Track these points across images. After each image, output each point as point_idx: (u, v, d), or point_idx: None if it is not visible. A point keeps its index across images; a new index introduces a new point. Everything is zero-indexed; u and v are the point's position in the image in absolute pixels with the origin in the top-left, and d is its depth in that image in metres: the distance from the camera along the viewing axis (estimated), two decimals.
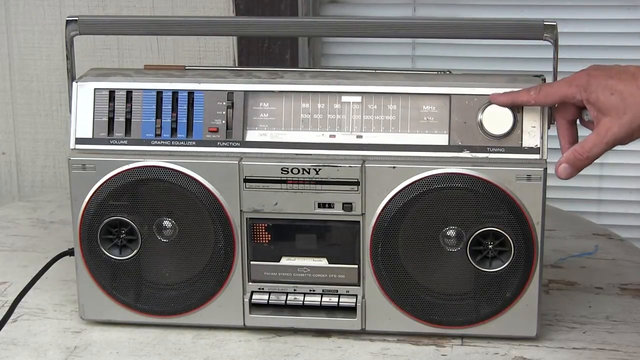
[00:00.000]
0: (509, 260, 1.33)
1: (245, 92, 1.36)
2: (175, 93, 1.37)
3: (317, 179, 1.33)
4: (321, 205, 1.34)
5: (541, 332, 1.37)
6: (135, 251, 1.38)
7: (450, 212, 1.32)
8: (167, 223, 1.37)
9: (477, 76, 1.38)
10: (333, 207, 1.34)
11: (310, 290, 1.38)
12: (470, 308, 1.35)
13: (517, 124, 1.32)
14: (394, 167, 1.32)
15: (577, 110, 1.29)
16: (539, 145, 1.32)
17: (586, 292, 1.52)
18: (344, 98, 1.35)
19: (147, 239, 1.37)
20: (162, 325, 1.41)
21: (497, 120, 1.32)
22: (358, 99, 1.35)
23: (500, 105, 1.31)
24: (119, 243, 1.38)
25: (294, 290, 1.38)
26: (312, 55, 2.36)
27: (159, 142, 1.36)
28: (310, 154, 1.35)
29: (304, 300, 1.38)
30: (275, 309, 1.39)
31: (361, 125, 1.35)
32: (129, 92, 1.37)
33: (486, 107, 1.32)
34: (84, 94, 1.38)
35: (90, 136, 1.37)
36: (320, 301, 1.38)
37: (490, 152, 1.32)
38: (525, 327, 1.36)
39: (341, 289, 1.38)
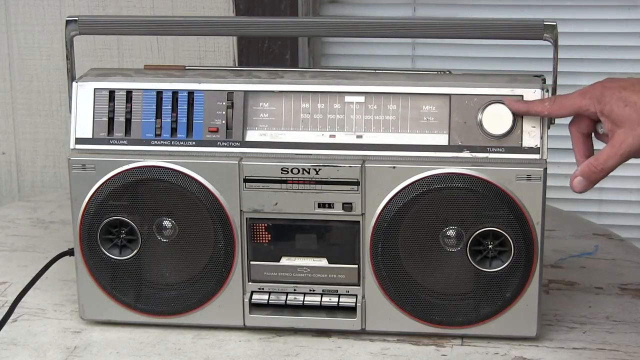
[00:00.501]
0: (509, 260, 1.33)
1: (245, 92, 1.36)
2: (175, 93, 1.37)
3: (317, 179, 1.33)
4: (321, 205, 1.34)
5: (541, 332, 1.37)
6: (135, 251, 1.38)
7: (450, 212, 1.32)
8: (167, 223, 1.37)
9: (477, 76, 1.38)
10: (333, 207, 1.34)
11: (310, 290, 1.38)
12: (470, 308, 1.35)
13: (517, 124, 1.32)
14: (394, 167, 1.32)
15: (591, 123, 1.29)
16: (539, 145, 1.32)
17: (586, 292, 1.52)
18: (347, 98, 1.35)
19: (147, 239, 1.37)
20: (162, 325, 1.41)
21: (497, 120, 1.32)
22: (359, 99, 1.35)
23: (515, 112, 1.31)
24: (119, 243, 1.38)
25: (294, 290, 1.38)
26: (312, 55, 2.36)
27: (159, 142, 1.36)
28: (310, 154, 1.35)
29: (304, 300, 1.38)
30: (275, 309, 1.39)
31: (361, 125, 1.35)
32: (129, 92, 1.37)
33: (486, 107, 1.33)
34: (84, 94, 1.38)
35: (90, 136, 1.37)
36: (320, 301, 1.38)
37: (490, 152, 1.32)
38: (525, 327, 1.36)
39: (341, 289, 1.38)
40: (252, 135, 1.36)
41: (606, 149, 1.24)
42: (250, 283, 1.39)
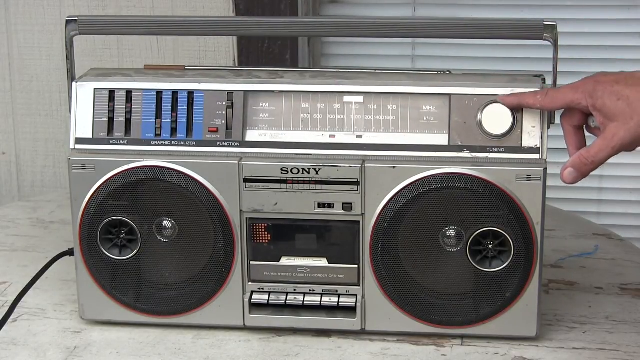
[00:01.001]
0: (509, 260, 1.33)
1: (245, 92, 1.36)
2: (175, 93, 1.37)
3: (317, 179, 1.33)
4: (321, 205, 1.34)
5: (541, 332, 1.37)
6: (135, 251, 1.38)
7: (450, 212, 1.32)
8: (167, 223, 1.37)
9: (477, 76, 1.38)
10: (333, 207, 1.34)
11: (310, 290, 1.38)
12: (470, 308, 1.35)
13: (516, 124, 1.32)
14: (394, 167, 1.32)
15: (583, 116, 1.29)
16: (538, 145, 1.32)
17: (586, 292, 1.52)
18: (346, 98, 1.35)
19: (147, 239, 1.37)
20: (162, 325, 1.41)
21: (496, 120, 1.32)
22: (359, 99, 1.35)
23: (507, 106, 1.31)
24: (119, 243, 1.38)
25: (294, 290, 1.38)
26: (312, 55, 2.36)
27: (158, 142, 1.36)
28: (310, 154, 1.35)
29: (304, 300, 1.38)
30: (275, 309, 1.39)
31: (361, 125, 1.35)
32: (128, 92, 1.37)
33: (486, 107, 1.33)
34: (84, 94, 1.38)
35: (90, 136, 1.37)
36: (320, 301, 1.38)
37: (490, 152, 1.32)
38: (525, 327, 1.36)
39: (341, 289, 1.38)
40: (252, 135, 1.36)
41: (598, 141, 1.24)
42: (250, 283, 1.39)
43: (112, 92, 1.38)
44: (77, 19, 1.38)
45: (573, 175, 1.27)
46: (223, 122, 1.36)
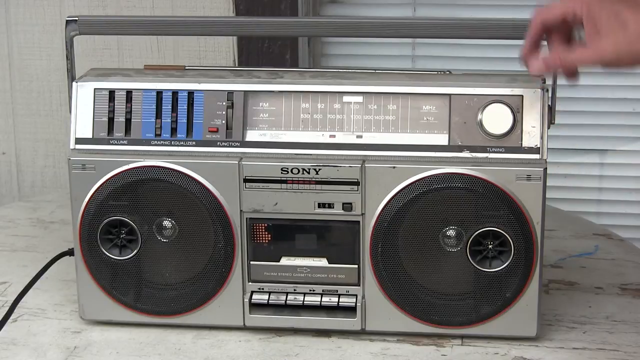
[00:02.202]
0: (509, 260, 1.33)
1: (245, 92, 1.36)
2: (175, 93, 1.37)
3: (317, 179, 1.33)
4: (321, 205, 1.34)
5: (541, 332, 1.37)
6: (135, 251, 1.38)
7: (450, 212, 1.32)
8: (167, 223, 1.37)
9: (477, 76, 1.38)
10: (333, 207, 1.34)
11: (310, 290, 1.38)
12: (470, 308, 1.35)
13: (517, 123, 1.32)
14: (394, 167, 1.32)
15: (565, 26, 1.23)
16: (538, 145, 1.32)
17: (586, 292, 1.52)
18: (345, 98, 1.35)
19: (147, 239, 1.37)
20: (162, 325, 1.41)
21: (497, 120, 1.32)
22: (358, 99, 1.35)
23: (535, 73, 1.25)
24: (119, 243, 1.38)
25: (294, 290, 1.38)
26: (312, 55, 2.36)
27: (159, 142, 1.36)
28: (310, 154, 1.35)
29: (304, 300, 1.38)
30: (275, 309, 1.39)
31: (361, 125, 1.35)
32: (129, 92, 1.37)
33: (486, 107, 1.33)
34: (84, 94, 1.38)
35: (90, 136, 1.37)
36: (320, 301, 1.38)
37: (490, 152, 1.32)
38: (525, 327, 1.36)
39: (341, 289, 1.38)
40: (252, 135, 1.36)
41: (582, 49, 1.19)
42: (250, 283, 1.39)
43: (112, 92, 1.38)
44: (77, 19, 1.38)
45: (540, 67, 1.22)
46: (223, 122, 1.36)
